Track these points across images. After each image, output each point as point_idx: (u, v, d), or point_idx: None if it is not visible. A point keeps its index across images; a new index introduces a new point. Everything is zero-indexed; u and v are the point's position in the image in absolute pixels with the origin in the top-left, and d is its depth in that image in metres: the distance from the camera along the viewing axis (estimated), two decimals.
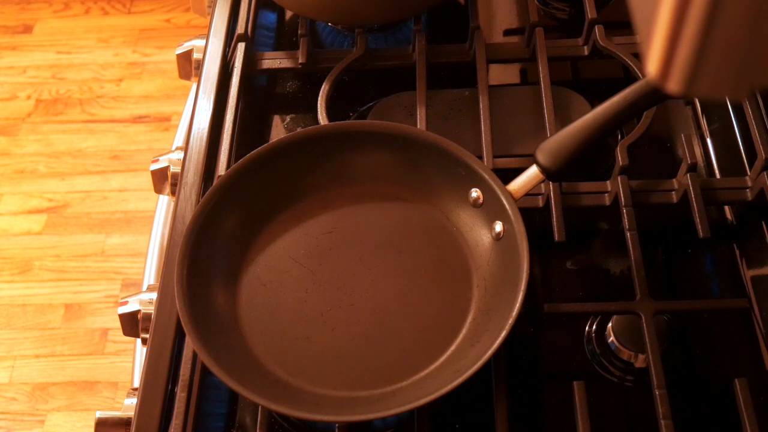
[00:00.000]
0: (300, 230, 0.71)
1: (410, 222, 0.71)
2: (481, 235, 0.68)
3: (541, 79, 0.79)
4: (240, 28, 0.86)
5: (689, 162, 0.71)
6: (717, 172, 0.78)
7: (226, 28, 0.88)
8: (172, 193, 0.83)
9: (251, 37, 0.88)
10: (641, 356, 0.65)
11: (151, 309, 0.71)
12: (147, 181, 0.87)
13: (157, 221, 0.94)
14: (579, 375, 0.64)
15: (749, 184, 0.73)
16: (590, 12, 0.83)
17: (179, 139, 0.95)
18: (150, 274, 0.89)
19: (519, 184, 0.66)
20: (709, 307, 0.69)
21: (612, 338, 0.66)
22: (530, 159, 0.66)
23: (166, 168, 0.83)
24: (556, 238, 0.70)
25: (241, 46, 0.84)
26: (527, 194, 0.67)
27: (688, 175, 0.71)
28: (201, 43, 0.89)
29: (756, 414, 0.60)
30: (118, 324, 0.75)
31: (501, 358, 0.63)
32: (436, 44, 0.85)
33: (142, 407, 0.64)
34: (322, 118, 0.78)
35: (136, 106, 1.99)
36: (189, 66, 0.91)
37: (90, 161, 1.90)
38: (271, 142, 0.72)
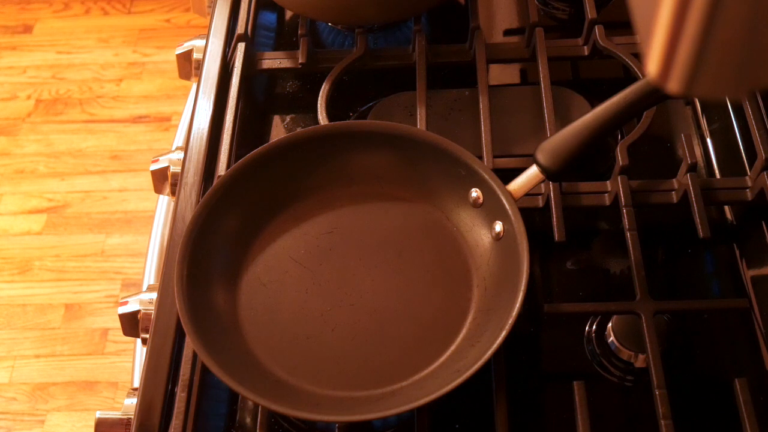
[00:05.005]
0: (300, 230, 0.71)
1: (410, 222, 0.71)
2: (481, 235, 0.68)
3: (541, 79, 0.79)
4: (240, 28, 0.86)
5: (689, 162, 0.71)
6: (717, 172, 0.78)
7: (226, 28, 0.88)
8: (172, 193, 0.83)
9: (251, 37, 0.88)
10: (641, 356, 0.65)
11: (151, 309, 0.71)
12: (147, 181, 0.87)
13: (157, 221, 0.94)
14: (579, 375, 0.64)
15: (749, 184, 0.73)
16: (590, 12, 0.83)
17: (179, 139, 0.95)
18: (150, 274, 0.89)
19: (519, 184, 0.66)
20: (709, 307, 0.70)
21: (612, 338, 0.66)
22: (530, 159, 0.66)
23: (166, 168, 0.83)
24: (556, 238, 0.70)
25: (241, 46, 0.84)
26: (527, 194, 0.67)
27: (688, 175, 0.71)
28: (201, 43, 0.89)
29: (756, 414, 0.60)
30: (118, 324, 0.75)
31: (501, 358, 0.63)
32: (436, 44, 0.85)
33: (142, 407, 0.64)
34: (322, 118, 0.78)
35: (136, 106, 1.99)
36: (189, 66, 0.91)
37: (90, 161, 1.90)
38: (271, 142, 0.72)
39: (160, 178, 0.84)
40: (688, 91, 0.34)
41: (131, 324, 0.74)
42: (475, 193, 0.69)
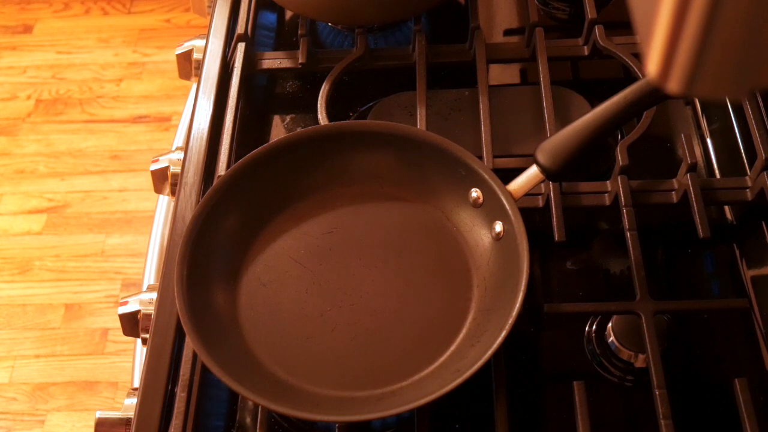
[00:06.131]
0: (300, 230, 0.71)
1: (410, 222, 0.71)
2: (481, 235, 0.68)
3: (541, 79, 0.79)
4: (240, 28, 0.86)
5: (689, 162, 0.71)
6: (717, 172, 0.78)
7: (226, 28, 0.88)
8: (172, 193, 0.83)
9: (251, 37, 0.88)
10: (641, 356, 0.65)
11: (151, 309, 0.71)
12: (147, 181, 0.87)
13: (157, 221, 0.94)
14: (579, 375, 0.64)
15: (749, 184, 0.73)
16: (590, 12, 0.83)
17: (179, 139, 0.95)
18: (150, 274, 0.89)
19: (519, 184, 0.66)
20: (709, 307, 0.69)
21: (612, 338, 0.66)
22: (530, 159, 0.66)
23: (166, 168, 0.83)
24: (556, 238, 0.70)
25: (241, 46, 0.84)
26: (527, 194, 0.67)
27: (688, 175, 0.71)
28: (201, 43, 0.89)
29: (756, 414, 0.60)
30: (118, 324, 0.75)
31: (501, 358, 0.63)
32: (436, 44, 0.85)
33: (142, 407, 0.64)
34: (322, 118, 0.78)
35: (136, 106, 1.99)
36: (189, 66, 0.91)
37: (90, 161, 1.90)
38: (271, 142, 0.72)
39: (160, 178, 0.84)
40: (688, 91, 0.34)
41: (131, 324, 0.74)
42: (475, 193, 0.69)
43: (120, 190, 1.85)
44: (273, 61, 0.87)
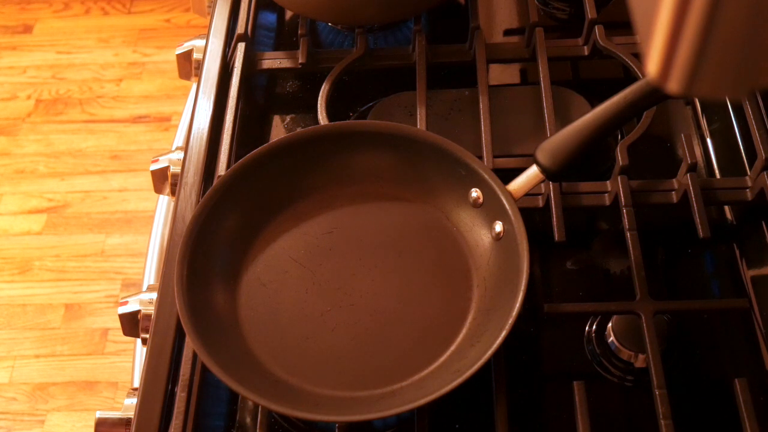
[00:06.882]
0: (300, 230, 0.71)
1: (410, 222, 0.71)
2: (481, 235, 0.68)
3: (541, 79, 0.79)
4: (240, 28, 0.86)
5: (689, 162, 0.71)
6: (717, 172, 0.78)
7: (226, 28, 0.88)
8: (172, 193, 0.83)
9: (251, 37, 0.88)
10: (641, 356, 0.65)
11: (151, 309, 0.71)
12: (147, 181, 0.87)
13: (157, 221, 0.94)
14: (579, 375, 0.64)
15: (749, 184, 0.73)
16: (590, 12, 0.83)
17: (179, 139, 0.95)
18: (150, 274, 0.89)
19: (519, 184, 0.66)
20: (709, 307, 0.69)
21: (612, 338, 0.66)
22: (530, 159, 0.66)
23: (166, 168, 0.83)
24: (556, 238, 0.70)
25: (241, 46, 0.84)
26: (527, 194, 0.67)
27: (688, 175, 0.71)
28: (201, 43, 0.89)
29: (756, 414, 0.60)
30: (118, 324, 0.75)
31: (501, 358, 0.63)
32: (436, 44, 0.85)
33: (142, 407, 0.64)
34: (322, 118, 0.78)
35: (136, 106, 1.99)
36: (189, 66, 0.91)
37: (90, 161, 1.90)
38: (271, 142, 0.72)
39: (160, 178, 0.84)
40: (688, 91, 0.34)
41: (131, 324, 0.74)
42: (475, 193, 0.69)
43: (120, 190, 1.85)
44: (273, 61, 0.87)
